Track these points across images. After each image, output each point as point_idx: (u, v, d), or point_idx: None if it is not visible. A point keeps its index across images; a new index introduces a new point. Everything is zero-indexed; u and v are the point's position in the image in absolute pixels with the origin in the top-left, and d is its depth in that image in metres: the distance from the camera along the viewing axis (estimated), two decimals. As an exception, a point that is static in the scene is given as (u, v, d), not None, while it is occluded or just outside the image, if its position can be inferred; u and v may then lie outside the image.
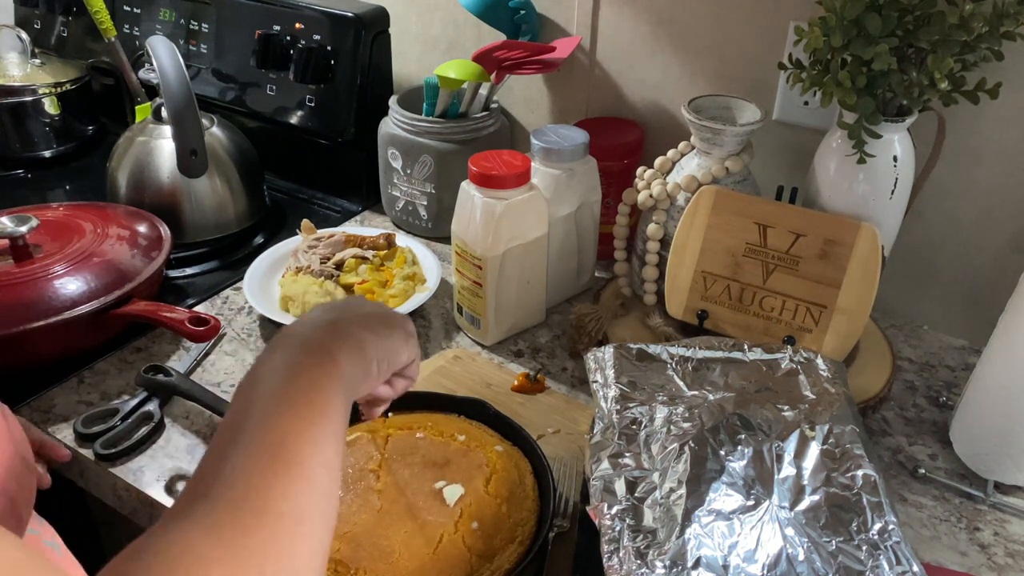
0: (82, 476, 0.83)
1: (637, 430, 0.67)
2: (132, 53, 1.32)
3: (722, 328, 0.88)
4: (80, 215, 1.01)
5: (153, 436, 0.83)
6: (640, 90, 1.11)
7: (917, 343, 1.00)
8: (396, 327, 0.60)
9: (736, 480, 0.62)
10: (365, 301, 0.62)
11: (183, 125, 1.06)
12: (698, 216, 0.87)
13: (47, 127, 1.38)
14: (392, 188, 1.18)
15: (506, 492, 0.70)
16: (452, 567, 0.64)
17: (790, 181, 0.91)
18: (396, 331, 0.59)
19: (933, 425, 0.87)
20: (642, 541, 0.58)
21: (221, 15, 1.27)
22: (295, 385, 0.48)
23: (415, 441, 0.75)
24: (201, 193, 1.11)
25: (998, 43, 0.76)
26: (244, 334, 0.99)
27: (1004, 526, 0.76)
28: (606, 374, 0.74)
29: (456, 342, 0.99)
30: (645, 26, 1.07)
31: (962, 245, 0.97)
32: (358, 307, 0.59)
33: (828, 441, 0.66)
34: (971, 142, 0.91)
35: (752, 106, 0.91)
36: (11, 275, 0.89)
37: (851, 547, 0.59)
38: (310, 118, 1.22)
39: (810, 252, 0.83)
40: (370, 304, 0.61)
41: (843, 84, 0.78)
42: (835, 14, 0.77)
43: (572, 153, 0.96)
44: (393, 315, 0.61)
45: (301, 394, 0.48)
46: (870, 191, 0.84)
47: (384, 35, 1.19)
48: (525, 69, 1.08)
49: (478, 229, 0.91)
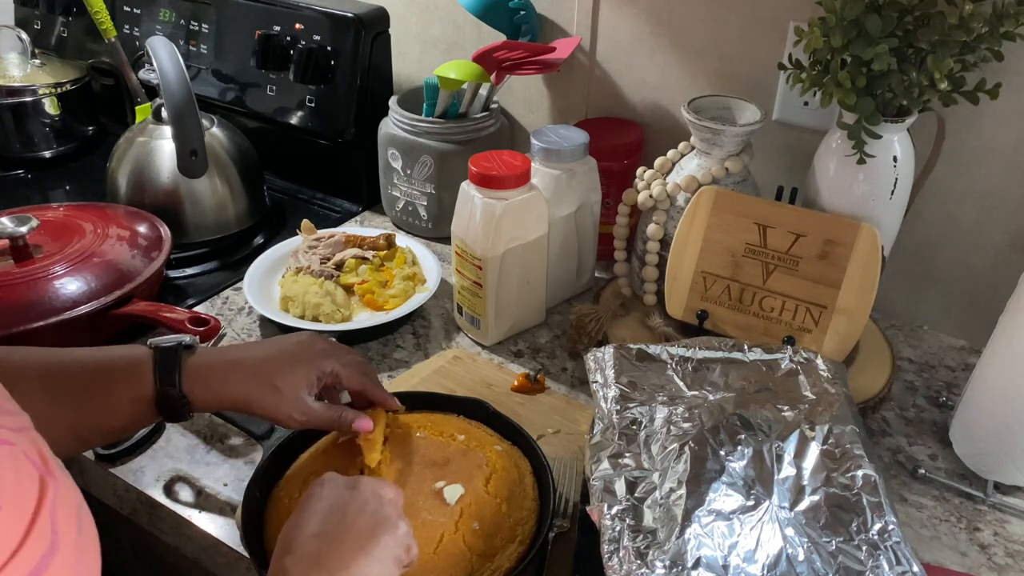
0: (82, 476, 0.83)
1: (637, 430, 0.67)
2: (132, 53, 1.33)
3: (722, 328, 0.88)
4: (80, 215, 1.01)
5: (153, 436, 0.83)
6: (640, 90, 1.11)
7: (917, 343, 1.00)
8: (389, 531, 0.58)
9: (736, 480, 0.62)
10: (361, 495, 0.59)
11: (183, 125, 1.06)
12: (698, 216, 0.87)
13: (47, 127, 1.38)
14: (392, 188, 1.18)
15: (506, 492, 0.70)
16: (452, 567, 0.64)
17: (790, 181, 0.91)
18: (389, 538, 0.58)
19: (933, 425, 0.87)
20: (642, 541, 0.58)
21: (221, 15, 1.27)
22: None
23: (415, 441, 0.75)
24: (201, 193, 1.11)
25: (998, 43, 0.76)
26: (244, 334, 0.99)
27: (1004, 526, 0.76)
28: (606, 374, 0.74)
29: (456, 342, 0.99)
30: (645, 26, 1.07)
31: (962, 245, 0.97)
32: (355, 511, 0.58)
33: (828, 441, 0.66)
34: (971, 142, 0.91)
35: (752, 106, 0.91)
36: (11, 275, 0.89)
37: (851, 547, 0.59)
38: (310, 118, 1.22)
39: (810, 252, 0.83)
40: (368, 499, 0.59)
41: (843, 84, 0.78)
42: (835, 14, 0.77)
43: (572, 153, 0.96)
44: (386, 515, 0.59)
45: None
46: (870, 191, 0.84)
47: (384, 35, 1.19)
48: (525, 69, 1.08)
49: (478, 229, 0.91)
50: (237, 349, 0.71)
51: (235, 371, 0.68)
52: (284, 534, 0.58)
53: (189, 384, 0.65)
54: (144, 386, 0.65)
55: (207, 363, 0.67)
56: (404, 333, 1.00)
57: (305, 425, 0.70)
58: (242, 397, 0.67)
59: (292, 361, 0.69)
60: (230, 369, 0.68)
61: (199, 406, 0.67)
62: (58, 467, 0.42)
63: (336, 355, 0.72)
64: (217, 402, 0.68)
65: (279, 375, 0.68)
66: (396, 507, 0.61)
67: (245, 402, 0.67)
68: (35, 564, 0.37)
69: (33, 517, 0.37)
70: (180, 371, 0.65)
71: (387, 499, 0.61)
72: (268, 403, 0.67)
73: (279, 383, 0.67)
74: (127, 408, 0.65)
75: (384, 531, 0.58)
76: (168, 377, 0.65)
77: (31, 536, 0.37)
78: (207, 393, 0.66)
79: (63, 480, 0.41)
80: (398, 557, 0.58)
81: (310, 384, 0.69)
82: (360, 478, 0.62)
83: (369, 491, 0.60)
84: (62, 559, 0.38)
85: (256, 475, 0.72)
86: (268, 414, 0.68)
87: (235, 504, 0.76)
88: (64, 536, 0.39)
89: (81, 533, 0.41)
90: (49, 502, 0.38)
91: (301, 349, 0.70)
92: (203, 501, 0.77)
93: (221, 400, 0.68)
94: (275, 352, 0.69)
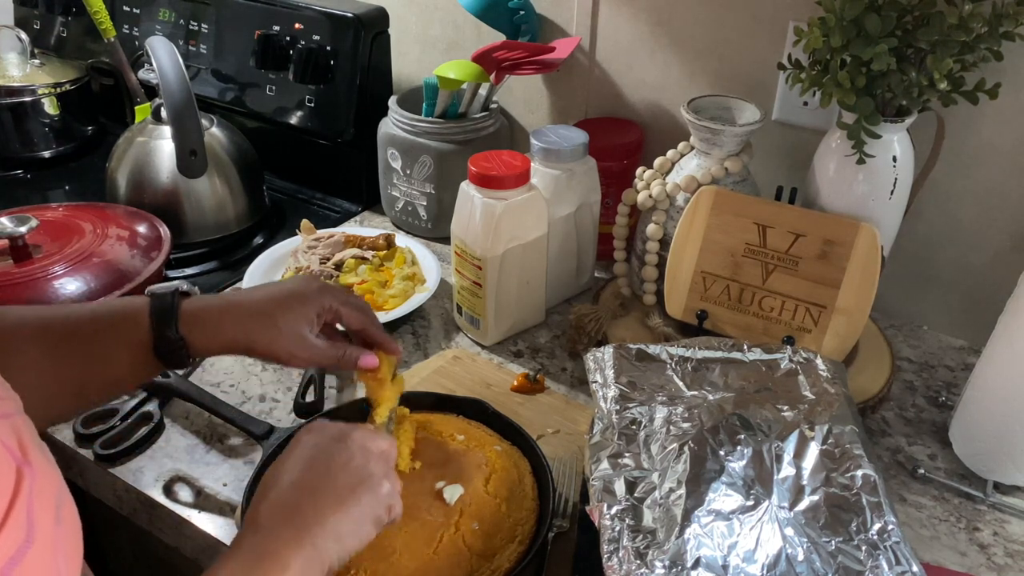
0: (82, 476, 0.83)
1: (636, 430, 0.67)
2: (132, 53, 1.33)
3: (721, 328, 0.88)
4: (80, 215, 1.01)
5: (153, 436, 0.83)
6: (640, 90, 1.11)
7: (917, 343, 1.00)
8: (371, 489, 0.58)
9: (736, 480, 0.62)
10: (347, 449, 0.59)
11: (183, 125, 1.06)
12: (698, 216, 0.87)
13: (47, 127, 1.38)
14: (392, 188, 1.18)
15: (506, 492, 0.70)
16: (452, 567, 0.64)
17: (790, 181, 0.91)
18: (370, 497, 0.57)
19: (932, 425, 0.87)
20: (642, 541, 0.58)
21: (221, 15, 1.27)
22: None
23: (415, 441, 0.75)
24: (201, 193, 1.11)
25: (997, 43, 0.76)
26: (244, 334, 0.99)
27: (1003, 526, 0.76)
28: (605, 374, 0.74)
29: (456, 342, 0.99)
30: (644, 26, 1.07)
31: (962, 245, 0.97)
32: (339, 466, 0.57)
33: (827, 441, 0.66)
34: (970, 142, 0.91)
35: (751, 106, 0.91)
36: (11, 275, 0.89)
37: (850, 547, 0.59)
38: (310, 118, 1.22)
39: (809, 252, 0.83)
40: (353, 453, 0.59)
41: (842, 84, 0.78)
42: (834, 14, 0.77)
43: (572, 153, 0.96)
44: (369, 473, 0.58)
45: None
46: (869, 191, 0.84)
47: (384, 35, 1.19)
48: (524, 69, 1.08)
49: (478, 229, 0.91)
50: (234, 293, 0.70)
51: (233, 313, 0.66)
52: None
53: (187, 328, 0.64)
54: (141, 332, 0.64)
55: (204, 306, 0.66)
56: (404, 333, 1.00)
57: (308, 363, 0.69)
58: (242, 338, 0.66)
59: (290, 299, 0.67)
60: (227, 311, 0.66)
61: (198, 350, 0.65)
62: (40, 454, 0.41)
63: (334, 293, 0.70)
64: (217, 345, 0.67)
65: (278, 314, 0.66)
66: (384, 462, 0.60)
67: (246, 344, 0.66)
68: (10, 556, 0.36)
69: (8, 509, 0.37)
70: (176, 315, 0.64)
71: (375, 453, 0.60)
72: (269, 343, 0.66)
73: (279, 322, 0.66)
74: (126, 356, 0.64)
75: (366, 489, 0.57)
76: (165, 321, 0.64)
77: (5, 528, 0.36)
78: (205, 336, 0.65)
79: (42, 469, 0.41)
80: (377, 517, 0.57)
81: (310, 321, 0.67)
82: (351, 428, 0.61)
83: (357, 444, 0.59)
84: (38, 550, 0.38)
85: (256, 475, 0.72)
86: (270, 354, 0.67)
87: (235, 504, 0.76)
88: (41, 527, 0.39)
89: (60, 523, 0.41)
90: (25, 493, 0.38)
91: (299, 288, 0.69)
92: (203, 501, 0.77)
93: (221, 343, 0.66)
94: (272, 292, 0.68)
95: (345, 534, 0.56)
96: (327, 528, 0.54)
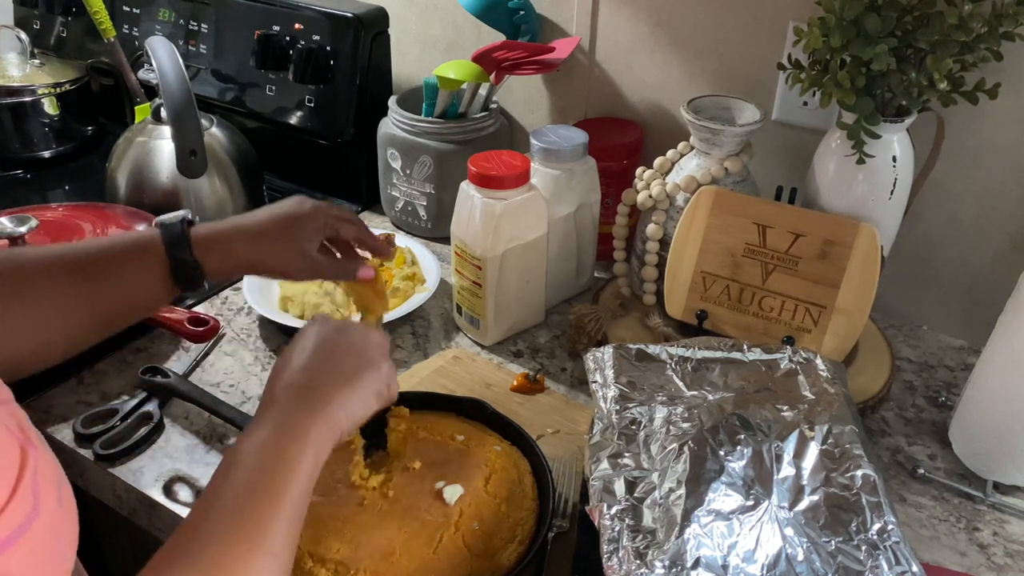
0: (81, 476, 0.83)
1: (636, 430, 0.67)
2: (131, 53, 1.32)
3: (721, 328, 0.88)
4: (79, 215, 1.01)
5: (152, 436, 0.83)
6: (640, 90, 1.11)
7: (916, 343, 1.00)
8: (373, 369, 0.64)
9: (735, 480, 0.62)
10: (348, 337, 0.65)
11: (182, 125, 1.06)
12: (697, 216, 0.87)
13: (46, 127, 1.38)
14: (391, 188, 1.18)
15: (505, 492, 0.70)
16: (452, 567, 0.64)
17: (789, 181, 0.91)
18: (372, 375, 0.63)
19: (932, 425, 0.87)
20: (641, 541, 0.58)
21: (220, 15, 1.27)
22: (270, 472, 0.54)
23: (415, 441, 0.75)
24: (201, 193, 1.11)
25: (997, 43, 0.76)
26: (243, 334, 0.99)
27: (1003, 526, 0.76)
28: (605, 374, 0.74)
29: (456, 342, 0.99)
30: (644, 26, 1.07)
31: (961, 245, 0.97)
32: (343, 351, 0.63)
33: (827, 441, 0.66)
34: (970, 142, 0.91)
35: (751, 106, 0.91)
36: (10, 275, 0.89)
37: (850, 547, 0.59)
38: (309, 118, 1.22)
39: (809, 252, 0.83)
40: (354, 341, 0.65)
41: (842, 84, 0.78)
42: (834, 14, 0.77)
43: (571, 153, 0.96)
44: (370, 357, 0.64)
45: (274, 481, 0.53)
46: (869, 191, 0.84)
47: (383, 35, 1.19)
48: (524, 69, 1.08)
49: (478, 229, 0.91)
50: (236, 218, 0.74)
51: (241, 235, 0.71)
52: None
53: (200, 251, 0.69)
54: (157, 257, 0.68)
55: (211, 231, 0.70)
56: (403, 333, 1.00)
57: (312, 276, 0.75)
58: (253, 258, 0.72)
59: (292, 219, 0.72)
60: (234, 234, 0.71)
61: (212, 271, 0.70)
62: (38, 439, 0.43)
63: (328, 209, 0.75)
64: (229, 265, 0.72)
65: (283, 233, 0.71)
66: (381, 349, 0.66)
67: (257, 262, 0.73)
68: (19, 524, 0.38)
69: (16, 482, 0.39)
70: (189, 240, 0.69)
71: (374, 342, 0.66)
72: (277, 260, 0.72)
73: (284, 240, 0.71)
74: (145, 280, 0.69)
75: (367, 369, 0.63)
76: (179, 245, 0.68)
77: (15, 498, 0.38)
78: (218, 258, 0.70)
79: (43, 451, 0.43)
80: (379, 391, 0.64)
81: (311, 239, 0.72)
82: (350, 322, 0.68)
83: (357, 335, 0.65)
84: (43, 524, 0.40)
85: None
86: (278, 271, 0.73)
87: (234, 504, 0.76)
88: (45, 503, 0.40)
89: (61, 504, 0.43)
90: (31, 469, 0.40)
91: (298, 208, 0.73)
92: (202, 501, 0.77)
93: (232, 263, 0.72)
94: (273, 213, 0.73)
95: (353, 408, 0.61)
96: (337, 403, 0.60)
